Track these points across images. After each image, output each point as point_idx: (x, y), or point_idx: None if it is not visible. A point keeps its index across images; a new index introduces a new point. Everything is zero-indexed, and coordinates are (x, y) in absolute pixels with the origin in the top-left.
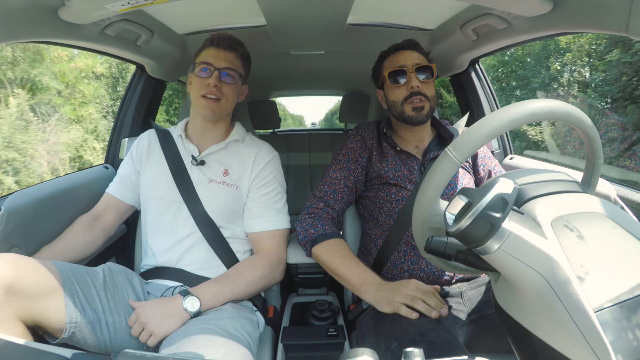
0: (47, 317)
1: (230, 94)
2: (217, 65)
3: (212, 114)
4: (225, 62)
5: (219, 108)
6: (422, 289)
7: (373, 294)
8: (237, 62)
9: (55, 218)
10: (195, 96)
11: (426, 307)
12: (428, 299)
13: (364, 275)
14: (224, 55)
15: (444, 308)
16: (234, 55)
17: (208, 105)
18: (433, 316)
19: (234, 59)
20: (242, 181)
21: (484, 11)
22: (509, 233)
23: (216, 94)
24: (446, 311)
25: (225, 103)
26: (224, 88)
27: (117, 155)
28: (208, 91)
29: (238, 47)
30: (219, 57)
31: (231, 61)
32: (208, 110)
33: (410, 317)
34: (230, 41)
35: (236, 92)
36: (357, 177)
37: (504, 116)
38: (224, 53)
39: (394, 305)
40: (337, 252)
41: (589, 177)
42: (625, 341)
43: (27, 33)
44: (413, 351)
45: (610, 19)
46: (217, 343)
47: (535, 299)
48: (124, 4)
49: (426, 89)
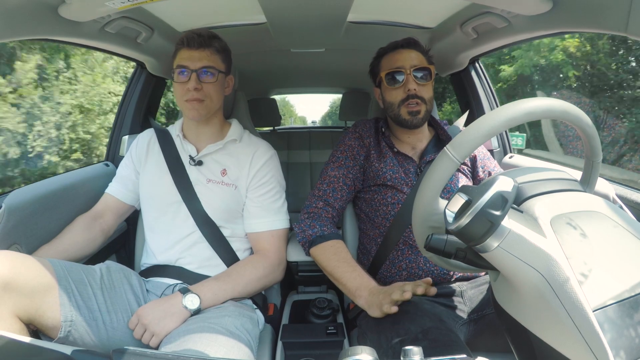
0: (43, 315)
1: (213, 92)
2: (193, 67)
3: (199, 116)
4: (201, 61)
5: (204, 109)
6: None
7: (365, 299)
8: (214, 57)
9: (56, 215)
10: (179, 101)
11: (400, 293)
12: (405, 287)
13: (359, 280)
14: (198, 55)
15: (422, 287)
16: (209, 51)
17: (193, 107)
18: (405, 297)
19: (210, 55)
20: (240, 181)
21: (484, 9)
22: (508, 231)
23: (197, 96)
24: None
25: (210, 102)
26: (205, 88)
27: (118, 153)
28: (190, 96)
29: (211, 42)
30: (193, 58)
31: (207, 58)
32: (194, 112)
33: (389, 311)
34: (200, 39)
35: (219, 88)
36: (355, 174)
37: (501, 115)
38: (197, 52)
39: (383, 308)
40: (334, 254)
41: (588, 175)
42: (627, 339)
43: (28, 30)
44: (412, 349)
45: (610, 19)
46: (218, 341)
47: (533, 297)
48: (124, 2)
49: (423, 91)
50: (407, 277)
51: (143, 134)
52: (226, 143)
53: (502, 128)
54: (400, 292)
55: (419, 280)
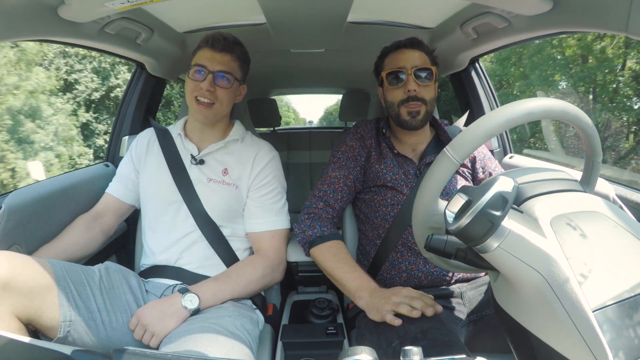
0: (42, 315)
1: (225, 97)
2: (212, 68)
3: (206, 120)
4: (220, 64)
5: (212, 113)
6: (411, 294)
7: (366, 301)
8: (233, 64)
9: (56, 216)
10: (189, 98)
11: (408, 308)
12: (413, 302)
13: (359, 281)
14: (219, 58)
15: (432, 308)
16: (230, 57)
17: (201, 111)
18: (414, 315)
19: (230, 61)
20: (241, 181)
21: (484, 10)
22: (508, 231)
23: (209, 97)
24: (433, 311)
25: (220, 107)
26: (218, 92)
27: (118, 153)
28: (201, 94)
29: (234, 49)
30: (213, 60)
31: (226, 64)
32: (201, 116)
33: (393, 324)
34: (225, 42)
35: (232, 95)
36: (356, 175)
37: (501, 115)
38: (219, 55)
39: (382, 313)
40: (334, 255)
41: (588, 175)
42: (626, 339)
43: (27, 31)
44: (412, 349)
45: (610, 19)
46: (218, 341)
47: (533, 297)
48: (123, 2)
49: (424, 92)
50: (406, 279)
51: (143, 134)
52: (228, 142)
53: (502, 129)
54: (408, 309)
55: (427, 297)
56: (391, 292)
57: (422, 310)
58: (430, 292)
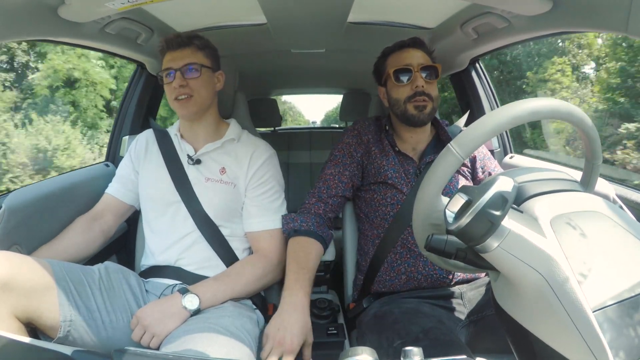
0: (41, 315)
1: (199, 86)
2: (176, 66)
3: (189, 113)
4: (182, 59)
5: (193, 105)
6: (294, 349)
7: (287, 300)
8: (197, 54)
9: (56, 216)
10: (170, 102)
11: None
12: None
13: (300, 283)
14: (179, 54)
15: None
16: (189, 50)
17: (182, 106)
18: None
19: (191, 53)
20: (239, 180)
21: (484, 10)
22: (508, 231)
23: (185, 92)
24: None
25: (198, 97)
26: (190, 84)
27: (118, 153)
28: (177, 93)
29: (191, 41)
30: (175, 59)
31: (188, 56)
32: (184, 110)
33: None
34: (180, 39)
35: (206, 83)
36: (352, 171)
37: (507, 113)
38: (178, 52)
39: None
40: (294, 251)
41: (588, 177)
42: (626, 339)
43: (27, 31)
44: (412, 350)
45: (610, 19)
46: (218, 342)
47: (533, 297)
48: (123, 2)
49: (430, 89)
50: (406, 281)
51: (142, 134)
52: (224, 142)
53: (507, 126)
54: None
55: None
56: (290, 332)
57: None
58: (430, 293)
